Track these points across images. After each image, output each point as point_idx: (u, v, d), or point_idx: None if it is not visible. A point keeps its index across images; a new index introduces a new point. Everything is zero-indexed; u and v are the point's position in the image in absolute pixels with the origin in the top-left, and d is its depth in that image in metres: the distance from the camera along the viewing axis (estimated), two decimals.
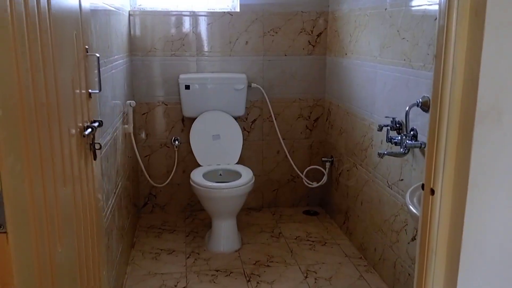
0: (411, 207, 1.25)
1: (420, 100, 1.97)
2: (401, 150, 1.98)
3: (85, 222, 1.40)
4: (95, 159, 1.47)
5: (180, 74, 3.10)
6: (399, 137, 2.02)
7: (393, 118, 2.21)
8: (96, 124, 1.44)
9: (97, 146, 1.47)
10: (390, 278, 2.34)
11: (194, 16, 3.10)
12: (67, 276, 1.22)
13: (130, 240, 2.70)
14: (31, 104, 0.97)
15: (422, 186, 0.81)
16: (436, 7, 1.87)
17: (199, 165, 3.01)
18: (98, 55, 1.53)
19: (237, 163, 3.02)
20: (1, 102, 0.82)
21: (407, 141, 1.97)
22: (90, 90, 1.50)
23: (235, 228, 2.78)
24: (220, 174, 2.93)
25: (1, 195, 0.81)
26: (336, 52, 3.06)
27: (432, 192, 0.78)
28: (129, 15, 3.01)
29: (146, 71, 3.12)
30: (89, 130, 1.37)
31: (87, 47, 1.48)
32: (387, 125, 2.21)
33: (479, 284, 0.83)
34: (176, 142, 3.22)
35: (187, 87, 3.03)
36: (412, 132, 2.04)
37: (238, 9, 3.14)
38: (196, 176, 2.75)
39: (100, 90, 1.56)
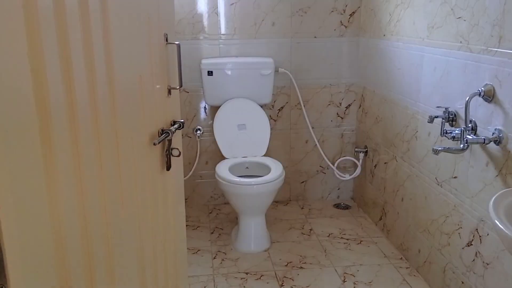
0: (500, 225, 1.02)
1: (483, 88, 1.72)
2: (461, 146, 1.74)
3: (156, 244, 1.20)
4: (168, 169, 1.23)
5: (202, 59, 2.87)
6: (458, 131, 1.78)
7: (445, 108, 1.96)
8: (175, 127, 1.21)
9: (175, 153, 1.22)
10: (438, 284, 2.13)
11: None
12: None
13: None
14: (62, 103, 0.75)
15: None
16: None
17: (222, 156, 2.80)
18: (177, 43, 1.27)
19: (264, 155, 2.81)
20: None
21: (468, 136, 1.73)
22: (169, 86, 1.26)
23: (264, 226, 2.58)
24: (247, 167, 2.73)
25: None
26: (372, 33, 2.80)
27: None
28: None
29: None
30: (163, 135, 1.14)
31: (166, 34, 1.23)
32: (438, 116, 1.97)
33: None
34: (198, 132, 3.02)
35: (210, 73, 2.81)
36: (470, 125, 1.79)
37: None
38: (222, 170, 2.55)
39: (181, 85, 1.31)
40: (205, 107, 3.02)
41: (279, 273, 2.33)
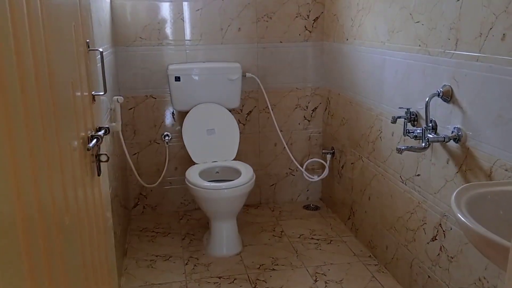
0: (462, 218, 1.08)
1: (441, 89, 1.80)
2: (423, 144, 1.82)
3: (91, 248, 1.19)
4: (99, 174, 1.26)
5: (169, 64, 2.87)
6: (419, 130, 1.85)
7: (407, 109, 2.04)
8: (102, 132, 1.23)
9: (103, 158, 1.26)
10: (406, 279, 2.20)
11: (181, 1, 2.86)
12: None
13: (122, 247, 2.50)
14: (19, 112, 0.76)
15: None
16: None
17: (192, 162, 2.80)
18: (101, 50, 1.31)
19: (234, 159, 2.83)
20: None
21: (429, 135, 1.81)
22: (93, 93, 1.28)
23: (235, 230, 2.59)
24: (217, 172, 2.74)
25: None
26: (335, 38, 2.87)
27: None
28: (111, 1, 2.76)
29: (132, 62, 2.88)
30: (94, 141, 1.16)
31: (88, 41, 1.26)
32: (401, 117, 2.05)
33: None
34: (167, 138, 3.01)
35: (177, 78, 2.81)
36: (431, 124, 1.87)
37: None
38: (192, 175, 2.55)
39: (105, 91, 1.34)
40: (172, 113, 3.01)
41: (252, 276, 2.35)
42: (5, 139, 0.69)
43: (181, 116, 2.97)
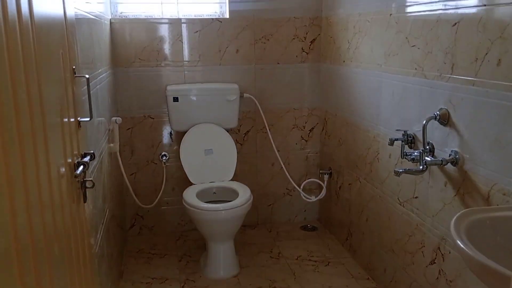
0: (462, 245, 1.08)
1: (438, 112, 1.81)
2: (420, 167, 1.82)
3: (78, 277, 1.18)
4: (85, 201, 1.25)
5: (167, 85, 2.89)
6: (417, 153, 1.86)
7: (404, 131, 2.05)
8: (87, 159, 1.22)
9: (88, 184, 1.24)
10: None
11: (180, 23, 2.89)
12: None
13: (118, 269, 2.47)
14: (15, 140, 0.77)
15: None
16: (453, 11, 1.73)
17: (189, 182, 2.80)
18: (87, 76, 1.31)
19: (231, 179, 2.82)
20: None
21: (426, 157, 1.82)
22: (79, 119, 1.28)
23: (233, 251, 2.57)
24: (214, 193, 2.73)
25: None
26: (332, 60, 2.90)
27: None
28: (111, 23, 2.78)
29: (130, 83, 2.89)
30: (81, 167, 1.15)
31: (74, 67, 1.27)
32: (398, 139, 2.05)
33: None
34: (164, 158, 3.00)
35: (176, 99, 2.82)
36: (428, 147, 1.88)
37: (227, 16, 2.95)
38: (189, 196, 2.54)
39: (91, 117, 1.34)
40: (170, 133, 3.02)
41: None
42: (2, 169, 0.69)
43: (178, 136, 2.97)
